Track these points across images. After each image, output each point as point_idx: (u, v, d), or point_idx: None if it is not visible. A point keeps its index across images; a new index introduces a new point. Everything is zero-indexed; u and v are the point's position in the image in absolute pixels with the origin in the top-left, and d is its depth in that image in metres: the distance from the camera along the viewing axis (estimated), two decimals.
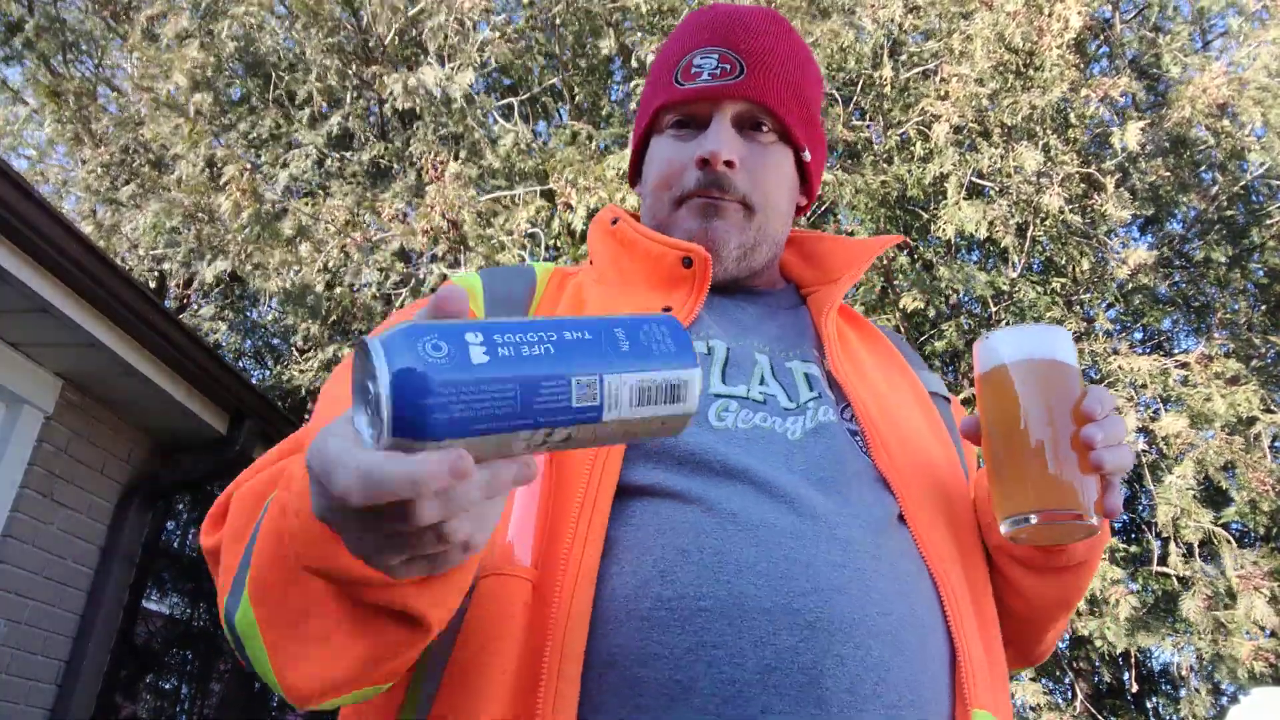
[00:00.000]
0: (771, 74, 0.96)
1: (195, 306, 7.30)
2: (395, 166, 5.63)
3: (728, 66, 0.95)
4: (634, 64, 5.60)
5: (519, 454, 0.46)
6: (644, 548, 0.69)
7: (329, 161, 5.65)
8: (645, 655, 0.65)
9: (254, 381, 5.45)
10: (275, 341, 7.73)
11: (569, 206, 4.81)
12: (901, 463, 0.82)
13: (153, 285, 6.36)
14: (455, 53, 5.30)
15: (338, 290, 5.41)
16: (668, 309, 0.90)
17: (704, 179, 0.94)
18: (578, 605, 0.65)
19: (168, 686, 7.70)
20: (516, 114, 5.64)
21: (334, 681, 0.58)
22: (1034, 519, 0.74)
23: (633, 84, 5.72)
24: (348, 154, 5.79)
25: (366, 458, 0.43)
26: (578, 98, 6.09)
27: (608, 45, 5.61)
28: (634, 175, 1.09)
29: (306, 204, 5.37)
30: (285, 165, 5.38)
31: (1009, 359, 0.79)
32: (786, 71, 0.98)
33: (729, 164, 0.94)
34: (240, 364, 7.59)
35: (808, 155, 1.01)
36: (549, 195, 5.13)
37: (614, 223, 1.02)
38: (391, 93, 5.11)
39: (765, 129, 0.97)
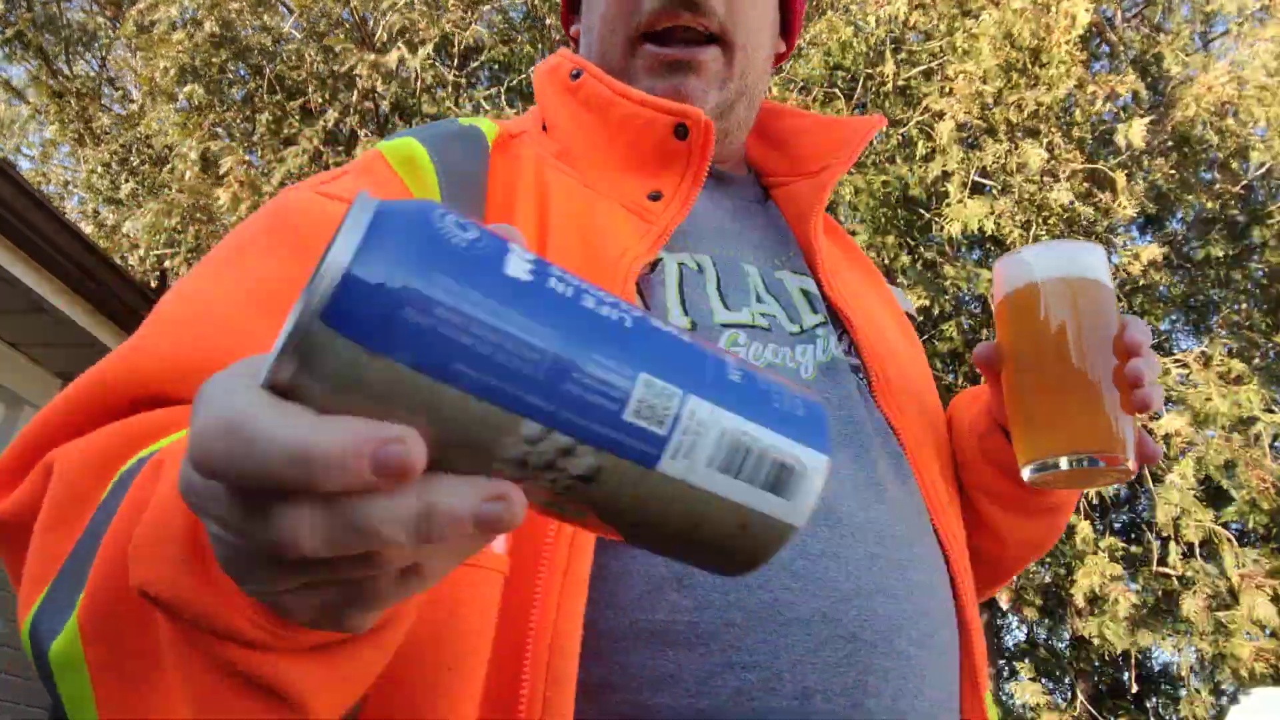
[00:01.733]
0: None
1: None
2: None
3: None
4: None
5: (492, 467, 0.27)
6: None
7: (325, 157, 5.66)
8: (658, 678, 0.51)
9: None
10: None
11: None
12: (905, 407, 0.70)
13: (154, 285, 6.36)
14: (415, 32, 5.41)
15: None
16: (656, 195, 0.68)
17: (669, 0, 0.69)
18: (567, 611, 0.49)
19: None
20: (503, 98, 5.67)
21: None
22: (1068, 463, 0.64)
23: None
24: (342, 148, 5.80)
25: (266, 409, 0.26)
26: None
27: None
28: (569, 8, 0.83)
29: None
30: (283, 161, 5.39)
31: (1041, 277, 0.67)
32: None
33: None
34: None
35: None
36: None
37: (575, 76, 0.73)
38: (358, 72, 5.20)
39: None
